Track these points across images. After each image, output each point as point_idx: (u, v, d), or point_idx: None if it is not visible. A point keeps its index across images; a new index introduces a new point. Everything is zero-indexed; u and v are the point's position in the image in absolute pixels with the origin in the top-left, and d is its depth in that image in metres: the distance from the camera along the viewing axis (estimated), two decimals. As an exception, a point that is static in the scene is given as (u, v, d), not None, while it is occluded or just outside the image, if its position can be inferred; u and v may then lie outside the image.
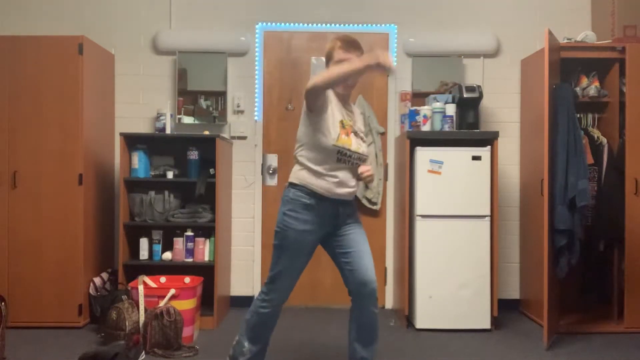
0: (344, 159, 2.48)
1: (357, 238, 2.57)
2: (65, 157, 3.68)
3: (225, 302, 4.13)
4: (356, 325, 2.58)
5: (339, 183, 2.49)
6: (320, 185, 2.47)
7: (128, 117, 4.31)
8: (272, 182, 4.39)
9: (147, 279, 3.54)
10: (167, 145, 4.14)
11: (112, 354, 2.88)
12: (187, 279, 3.64)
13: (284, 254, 2.51)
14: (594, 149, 3.82)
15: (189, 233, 3.87)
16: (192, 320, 3.45)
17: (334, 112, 2.48)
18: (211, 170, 3.87)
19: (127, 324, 3.23)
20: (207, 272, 3.78)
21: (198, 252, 3.87)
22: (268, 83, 4.38)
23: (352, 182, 2.56)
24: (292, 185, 2.53)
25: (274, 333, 2.77)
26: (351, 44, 2.55)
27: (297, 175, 2.53)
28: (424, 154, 3.74)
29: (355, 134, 2.55)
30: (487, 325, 3.71)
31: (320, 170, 2.48)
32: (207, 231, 3.90)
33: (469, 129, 3.86)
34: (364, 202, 4.32)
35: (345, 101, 2.61)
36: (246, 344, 2.63)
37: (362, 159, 2.56)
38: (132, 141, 3.93)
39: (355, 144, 2.51)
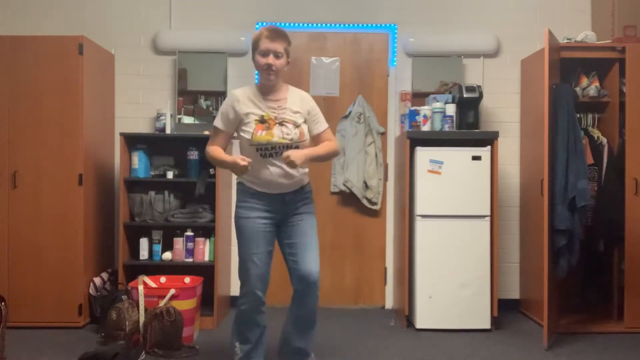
0: (269, 152, 2.56)
1: (304, 229, 2.65)
2: (65, 157, 3.68)
3: (225, 302, 4.13)
4: (295, 317, 2.70)
5: (271, 177, 2.58)
6: (255, 183, 2.62)
7: (128, 117, 4.31)
8: (272, 182, 4.38)
9: (147, 279, 3.53)
10: (167, 145, 4.14)
11: (112, 354, 2.88)
12: (187, 279, 3.63)
13: (241, 244, 2.64)
14: (594, 149, 3.82)
15: (189, 233, 3.87)
16: (192, 320, 3.45)
17: (250, 112, 2.57)
18: (211, 170, 3.87)
19: (127, 324, 3.23)
20: (207, 272, 3.78)
21: (198, 252, 3.87)
22: (268, 83, 4.37)
23: (291, 173, 2.59)
24: (238, 182, 2.73)
25: (272, 333, 2.77)
26: (277, 33, 2.58)
27: None
28: (424, 154, 3.74)
29: (281, 123, 2.56)
30: (487, 325, 3.71)
31: (253, 170, 2.57)
32: (207, 231, 3.90)
33: (469, 129, 3.86)
34: (364, 202, 4.31)
35: (269, 92, 2.62)
36: (237, 344, 2.71)
37: (292, 146, 2.55)
38: (132, 141, 3.93)
39: (278, 135, 2.54)
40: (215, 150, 2.65)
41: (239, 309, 2.68)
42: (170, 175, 3.96)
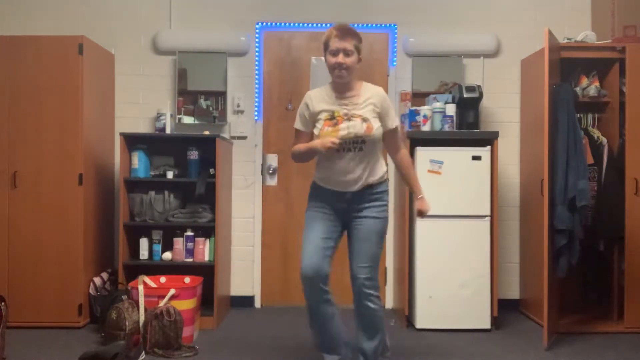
0: (334, 149, 2.58)
1: (360, 235, 2.66)
2: (65, 157, 3.68)
3: (225, 302, 4.13)
4: (356, 317, 2.73)
5: (334, 173, 2.62)
6: (320, 178, 2.70)
7: (128, 117, 4.31)
8: (272, 182, 4.39)
9: (147, 279, 3.53)
10: (167, 145, 4.14)
11: (112, 354, 2.88)
12: (187, 279, 3.63)
13: (305, 227, 2.71)
14: (594, 149, 3.82)
15: (189, 233, 3.87)
16: (192, 320, 3.45)
17: (322, 110, 2.62)
18: (211, 170, 3.87)
19: (127, 324, 3.23)
20: (207, 272, 3.77)
21: (198, 252, 3.87)
22: (268, 83, 4.38)
23: (356, 170, 2.61)
24: (312, 182, 2.81)
25: (274, 332, 2.78)
26: (345, 32, 2.61)
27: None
28: (424, 154, 3.74)
29: (350, 119, 2.58)
30: (487, 325, 3.71)
31: (319, 166, 2.69)
32: (207, 231, 3.90)
33: (469, 129, 3.86)
34: (364, 202, 4.31)
35: (342, 90, 2.65)
36: (325, 355, 2.77)
37: (362, 141, 2.58)
38: (132, 141, 3.93)
39: (344, 130, 2.56)
40: (298, 146, 2.70)
41: (305, 297, 2.69)
42: (170, 175, 3.96)
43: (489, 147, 3.75)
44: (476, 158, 3.74)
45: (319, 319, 2.69)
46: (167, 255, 3.88)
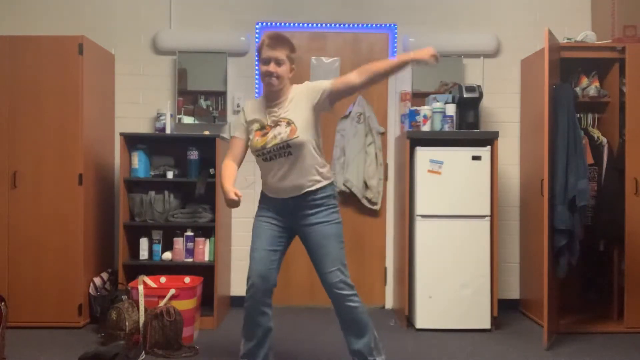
0: (268, 156, 2.60)
1: (315, 242, 2.63)
2: (65, 157, 3.68)
3: (225, 302, 4.13)
4: (340, 320, 2.69)
5: (272, 181, 2.63)
6: (264, 187, 2.73)
7: (128, 117, 4.31)
8: (272, 182, 4.38)
9: (147, 279, 3.54)
10: (167, 145, 4.14)
11: (112, 354, 2.89)
12: (187, 279, 3.64)
13: (252, 235, 2.70)
14: (594, 149, 3.82)
15: (189, 233, 3.87)
16: (192, 320, 3.45)
17: (253, 120, 2.65)
18: (211, 170, 3.87)
19: (127, 324, 3.23)
20: (207, 272, 3.78)
21: (198, 252, 3.87)
22: (268, 83, 4.37)
23: (290, 176, 2.59)
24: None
25: (274, 332, 2.77)
26: (277, 41, 2.59)
27: None
28: (424, 154, 3.74)
29: (276, 124, 2.58)
30: (487, 325, 3.71)
31: (262, 173, 2.70)
32: (207, 231, 3.90)
33: (469, 129, 3.86)
34: (364, 202, 4.32)
35: (273, 98, 2.64)
36: (243, 340, 2.74)
37: (287, 146, 2.54)
38: (132, 141, 3.93)
39: (271, 137, 2.56)
40: (226, 169, 2.66)
41: (244, 306, 2.70)
42: (170, 175, 3.96)
43: (489, 147, 3.75)
44: (476, 158, 3.74)
45: (255, 329, 2.67)
46: (167, 255, 3.88)
